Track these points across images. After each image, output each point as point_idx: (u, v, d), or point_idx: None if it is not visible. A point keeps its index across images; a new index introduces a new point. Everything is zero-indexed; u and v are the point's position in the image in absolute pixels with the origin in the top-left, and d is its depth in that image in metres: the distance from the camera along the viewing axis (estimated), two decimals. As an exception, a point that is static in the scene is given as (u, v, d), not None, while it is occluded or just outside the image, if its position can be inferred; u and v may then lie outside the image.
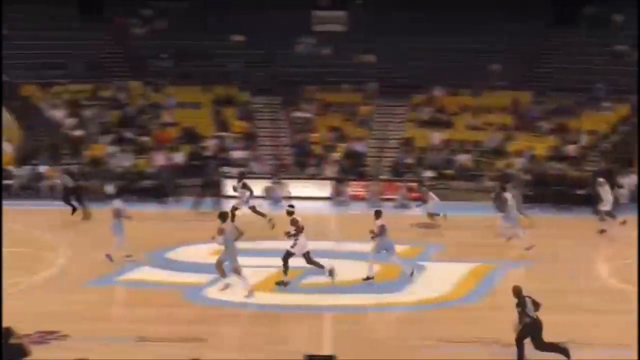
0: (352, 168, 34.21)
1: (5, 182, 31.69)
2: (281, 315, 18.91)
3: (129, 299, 19.74)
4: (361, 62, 40.71)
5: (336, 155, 34.84)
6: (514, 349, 15.64)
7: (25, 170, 32.34)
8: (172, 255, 22.90)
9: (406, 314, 18.86)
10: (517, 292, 15.99)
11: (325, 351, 15.91)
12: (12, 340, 13.14)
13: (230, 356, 16.30)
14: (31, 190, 30.14)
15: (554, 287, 20.16)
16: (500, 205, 24.87)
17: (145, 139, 35.18)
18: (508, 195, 24.48)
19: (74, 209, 27.60)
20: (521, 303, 15.84)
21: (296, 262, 22.22)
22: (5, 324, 13.43)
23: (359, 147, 35.41)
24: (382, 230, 20.62)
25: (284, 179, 32.64)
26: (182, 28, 41.16)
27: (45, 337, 16.76)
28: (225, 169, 33.37)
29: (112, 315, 18.65)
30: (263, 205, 30.55)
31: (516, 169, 32.94)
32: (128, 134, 35.30)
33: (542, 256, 23.29)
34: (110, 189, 31.70)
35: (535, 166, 33.15)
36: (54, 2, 40.92)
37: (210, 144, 34.90)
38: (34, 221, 27.48)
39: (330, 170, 33.98)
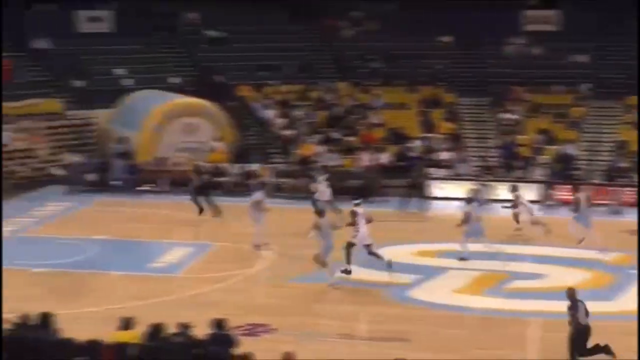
0: (562, 171, 33.22)
1: (219, 179, 33.05)
2: (484, 319, 18.72)
3: (335, 296, 20.10)
4: (573, 62, 39.48)
5: (545, 157, 33.95)
6: None
7: (237, 168, 33.60)
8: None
9: (615, 323, 18.06)
10: (571, 295, 15.46)
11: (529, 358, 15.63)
12: (224, 331, 13.76)
13: (432, 357, 16.27)
14: (243, 187, 31.25)
15: None
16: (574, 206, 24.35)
17: (352, 139, 35.68)
18: (581, 195, 24.32)
19: (201, 209, 28.14)
20: (574, 307, 15.28)
21: (498, 265, 21.98)
22: (218, 316, 14.06)
23: (569, 149, 34.31)
24: (467, 217, 22.40)
25: (490, 181, 32.16)
26: (390, 29, 41.43)
27: (254, 329, 17.37)
28: (431, 170, 33.29)
29: (318, 311, 19.06)
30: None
31: None
32: (335, 134, 35.94)
33: None
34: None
35: None
36: (269, 7, 42.42)
37: (417, 145, 34.91)
38: (246, 217, 28.51)
39: (539, 173, 33.16)
